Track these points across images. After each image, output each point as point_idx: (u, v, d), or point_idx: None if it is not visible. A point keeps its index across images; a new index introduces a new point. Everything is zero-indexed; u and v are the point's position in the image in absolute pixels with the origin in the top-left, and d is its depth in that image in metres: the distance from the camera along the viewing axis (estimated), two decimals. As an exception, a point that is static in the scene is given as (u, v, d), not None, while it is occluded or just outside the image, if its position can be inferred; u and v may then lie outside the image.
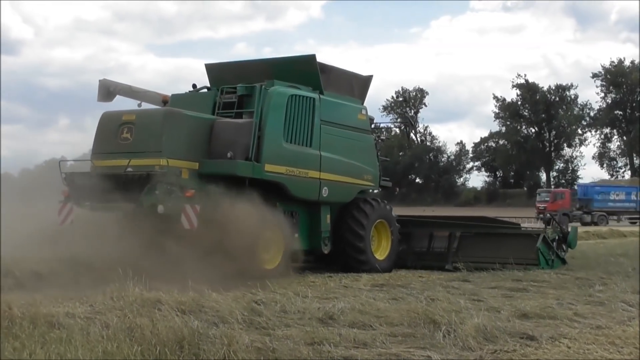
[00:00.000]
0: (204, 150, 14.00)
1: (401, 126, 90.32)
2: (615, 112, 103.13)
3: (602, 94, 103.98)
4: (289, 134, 14.74)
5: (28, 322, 7.39)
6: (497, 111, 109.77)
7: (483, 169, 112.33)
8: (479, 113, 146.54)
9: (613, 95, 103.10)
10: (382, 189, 17.65)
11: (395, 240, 16.82)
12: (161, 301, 8.79)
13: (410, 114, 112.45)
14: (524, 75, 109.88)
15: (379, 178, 17.09)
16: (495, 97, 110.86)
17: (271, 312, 8.96)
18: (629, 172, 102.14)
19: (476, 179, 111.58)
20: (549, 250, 16.58)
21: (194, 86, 16.00)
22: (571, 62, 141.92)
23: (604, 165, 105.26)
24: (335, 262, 16.04)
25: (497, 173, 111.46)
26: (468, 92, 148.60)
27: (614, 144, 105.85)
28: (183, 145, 13.70)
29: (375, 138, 17.78)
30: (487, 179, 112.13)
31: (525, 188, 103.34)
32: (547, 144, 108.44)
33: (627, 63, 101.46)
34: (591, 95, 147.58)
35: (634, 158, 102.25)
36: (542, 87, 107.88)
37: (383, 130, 17.38)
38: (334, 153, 15.68)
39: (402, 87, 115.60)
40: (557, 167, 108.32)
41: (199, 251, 11.97)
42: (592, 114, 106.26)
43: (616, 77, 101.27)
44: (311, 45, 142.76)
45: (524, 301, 10.40)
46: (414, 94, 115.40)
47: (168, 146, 13.36)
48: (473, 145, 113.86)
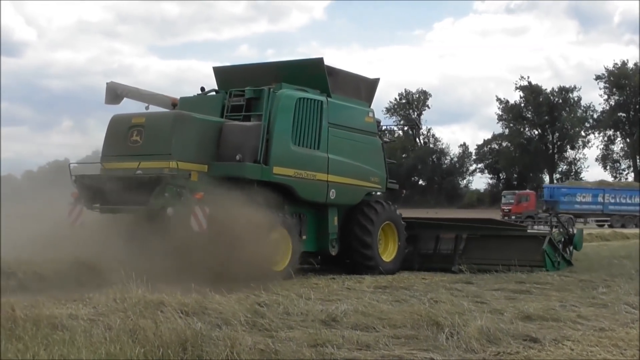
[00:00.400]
0: (213, 152, 14.09)
1: (405, 128, 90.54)
2: (618, 114, 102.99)
3: (606, 96, 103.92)
4: (297, 137, 14.84)
5: (31, 324, 7.39)
6: (500, 113, 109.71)
7: (486, 171, 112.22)
8: (482, 115, 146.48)
9: (616, 97, 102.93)
10: (388, 191, 17.72)
11: (402, 242, 16.92)
12: (164, 303, 8.79)
13: (413, 116, 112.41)
14: (527, 77, 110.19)
15: (386, 180, 17.17)
16: (498, 99, 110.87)
17: (274, 314, 8.96)
18: (632, 174, 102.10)
19: (479, 181, 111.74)
20: (555, 252, 16.68)
21: (202, 89, 16.09)
22: (574, 64, 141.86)
23: (607, 167, 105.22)
24: (342, 264, 16.12)
25: (500, 175, 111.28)
26: (471, 94, 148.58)
27: (617, 146, 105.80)
28: (192, 147, 13.80)
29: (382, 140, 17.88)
30: (490, 181, 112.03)
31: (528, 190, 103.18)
32: (550, 146, 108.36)
33: (631, 65, 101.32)
34: (594, 97, 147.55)
35: (637, 160, 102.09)
36: (545, 89, 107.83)
37: (387, 132, 17.52)
38: (342, 155, 15.78)
39: (405, 89, 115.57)
40: (561, 169, 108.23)
41: (208, 253, 12.01)
42: (596, 116, 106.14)
43: (619, 79, 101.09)
44: (314, 47, 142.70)
45: (527, 303, 10.39)
46: (417, 96, 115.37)
47: (177, 149, 13.46)
48: (476, 147, 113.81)
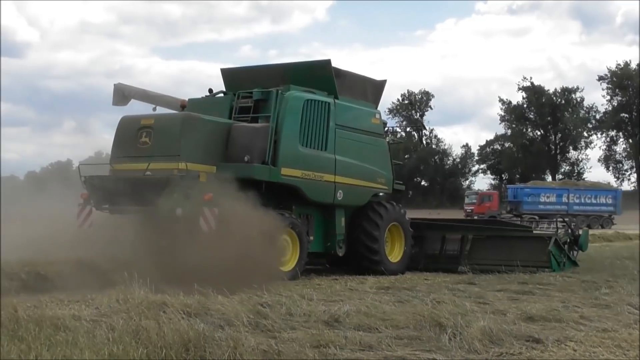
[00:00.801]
0: (222, 154, 14.20)
1: (407, 129, 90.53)
2: (621, 115, 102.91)
3: (608, 97, 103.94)
4: (305, 138, 14.95)
5: (34, 325, 7.39)
6: (503, 114, 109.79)
7: (489, 172, 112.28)
8: (485, 116, 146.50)
9: (619, 98, 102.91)
10: (394, 192, 17.82)
11: (408, 243, 17.00)
12: (167, 304, 8.80)
13: (415, 117, 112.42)
14: (530, 78, 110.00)
15: (392, 181, 17.27)
16: (500, 100, 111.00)
17: (277, 315, 8.96)
18: (635, 175, 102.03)
19: (482, 182, 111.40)
20: (561, 252, 16.78)
21: (210, 91, 16.22)
22: (577, 65, 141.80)
23: (610, 168, 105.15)
24: (349, 265, 16.20)
25: (503, 176, 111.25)
26: (473, 95, 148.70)
27: (620, 147, 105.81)
28: (201, 149, 13.89)
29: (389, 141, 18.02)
30: (493, 182, 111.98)
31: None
32: (553, 147, 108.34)
33: (633, 66, 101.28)
34: (597, 98, 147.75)
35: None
36: (548, 90, 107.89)
37: (389, 133, 17.73)
38: (349, 157, 15.89)
39: (408, 90, 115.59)
40: (563, 170, 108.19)
41: (216, 254, 12.05)
42: (598, 117, 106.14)
43: (622, 80, 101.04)
44: (316, 47, 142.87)
45: (530, 304, 10.37)
46: (420, 97, 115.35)
47: (186, 150, 13.55)
48: (478, 147, 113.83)
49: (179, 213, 12.77)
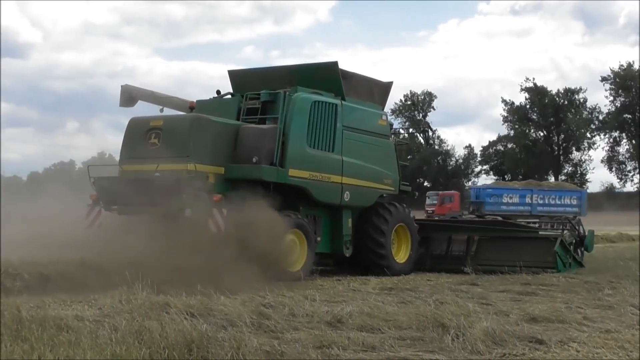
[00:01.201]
0: (230, 155, 14.31)
1: (411, 130, 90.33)
2: (624, 116, 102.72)
3: (611, 98, 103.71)
4: (312, 140, 15.08)
5: (37, 325, 7.38)
6: (506, 115, 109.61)
7: (491, 173, 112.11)
8: (487, 116, 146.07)
9: (622, 98, 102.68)
10: (401, 193, 17.90)
11: (414, 243, 17.10)
12: (169, 304, 8.80)
13: (418, 117, 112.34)
14: (533, 78, 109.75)
15: (399, 182, 17.34)
16: (503, 101, 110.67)
17: (280, 316, 8.96)
18: (638, 176, 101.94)
19: (484, 183, 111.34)
20: (566, 253, 16.93)
21: (218, 92, 16.36)
22: (580, 66, 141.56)
23: (613, 169, 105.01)
24: (356, 266, 16.27)
25: (506, 177, 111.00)
26: (476, 96, 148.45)
27: (623, 148, 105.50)
28: (210, 150, 14.01)
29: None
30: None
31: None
32: (556, 148, 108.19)
33: (636, 66, 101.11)
34: (600, 98, 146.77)
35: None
36: (551, 91, 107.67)
37: (393, 134, 17.84)
38: (356, 158, 16.02)
39: (411, 91, 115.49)
40: (566, 171, 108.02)
41: (225, 254, 12.09)
42: (601, 118, 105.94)
43: (625, 81, 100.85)
44: (319, 48, 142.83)
45: (533, 305, 10.38)
46: (422, 98, 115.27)
47: (195, 151, 13.67)
48: (481, 148, 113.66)
49: (188, 214, 12.87)
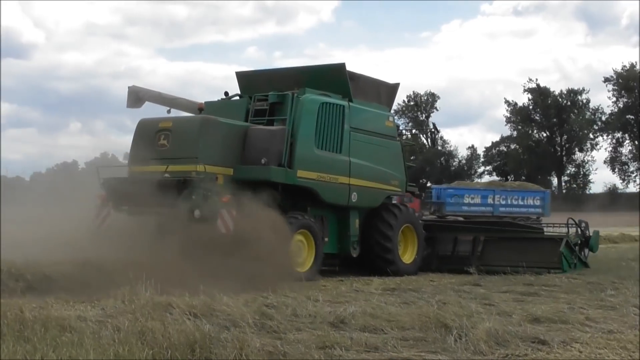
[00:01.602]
0: (238, 156, 14.41)
1: (415, 131, 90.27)
2: (627, 117, 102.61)
3: (614, 99, 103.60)
4: (320, 141, 15.16)
5: (39, 325, 7.40)
6: (509, 115, 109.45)
7: (494, 173, 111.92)
8: (490, 117, 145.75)
9: (625, 99, 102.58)
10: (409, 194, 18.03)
11: (421, 244, 17.17)
12: (172, 305, 8.82)
13: (421, 118, 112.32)
14: (536, 79, 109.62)
15: (406, 183, 17.43)
16: (506, 102, 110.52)
17: (282, 316, 8.97)
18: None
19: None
20: (572, 254, 17.01)
21: (226, 94, 16.44)
22: (582, 66, 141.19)
23: (616, 169, 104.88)
24: (363, 266, 16.32)
25: (509, 177, 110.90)
26: (479, 96, 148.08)
27: (626, 149, 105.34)
28: (218, 151, 14.11)
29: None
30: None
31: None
32: (559, 149, 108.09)
33: (639, 67, 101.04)
34: (603, 99, 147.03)
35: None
36: (554, 91, 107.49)
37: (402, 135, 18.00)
38: (363, 159, 16.09)
39: (414, 92, 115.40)
40: (569, 172, 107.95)
41: (233, 255, 12.13)
42: (604, 119, 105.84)
43: (628, 82, 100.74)
44: (322, 49, 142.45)
45: (536, 305, 10.38)
46: (425, 98, 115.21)
47: (204, 152, 13.76)
48: (484, 149, 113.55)
49: (197, 215, 12.93)
